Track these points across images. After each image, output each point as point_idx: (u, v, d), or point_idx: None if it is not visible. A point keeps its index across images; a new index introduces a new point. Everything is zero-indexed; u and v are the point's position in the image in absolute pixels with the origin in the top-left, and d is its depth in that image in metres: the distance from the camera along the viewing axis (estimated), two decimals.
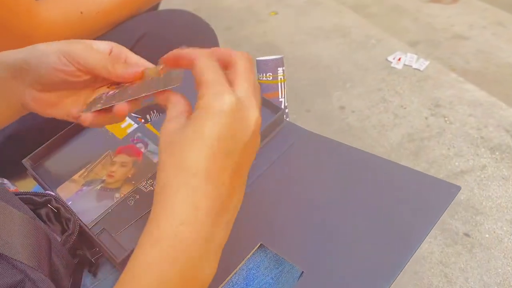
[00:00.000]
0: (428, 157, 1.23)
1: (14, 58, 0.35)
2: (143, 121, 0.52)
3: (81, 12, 0.63)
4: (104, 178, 0.47)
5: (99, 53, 0.35)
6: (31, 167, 0.48)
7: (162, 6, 0.87)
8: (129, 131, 0.51)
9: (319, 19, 1.92)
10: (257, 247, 0.39)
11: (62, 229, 0.41)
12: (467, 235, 1.03)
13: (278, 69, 0.57)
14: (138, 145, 0.50)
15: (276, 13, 2.01)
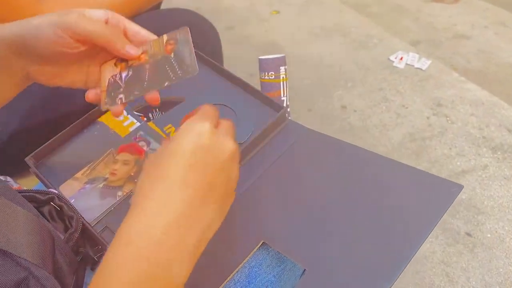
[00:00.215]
0: (429, 156, 1.23)
1: (10, 34, 0.34)
2: (145, 119, 0.52)
3: None
4: (107, 176, 0.48)
5: (94, 22, 0.35)
6: (34, 165, 0.48)
7: (164, 5, 0.87)
8: (131, 129, 0.51)
9: (320, 18, 1.92)
10: (259, 245, 0.39)
11: (65, 227, 0.41)
12: (468, 234, 1.03)
13: (280, 68, 0.57)
14: (141, 143, 0.50)
15: (278, 12, 2.01)
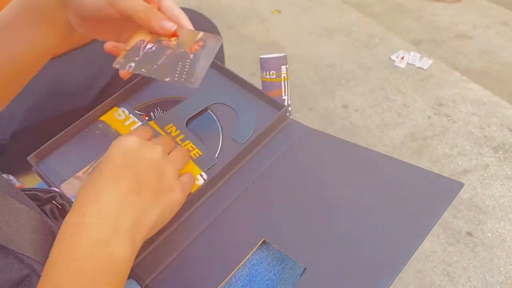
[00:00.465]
0: (431, 156, 1.23)
1: None
2: (146, 118, 0.52)
3: None
4: None
5: (136, 1, 0.40)
6: (36, 163, 0.48)
7: None
8: (132, 128, 0.52)
9: (322, 17, 1.92)
10: (260, 243, 0.40)
11: None
12: (469, 234, 1.03)
13: (281, 67, 0.57)
14: None
15: (279, 12, 2.01)
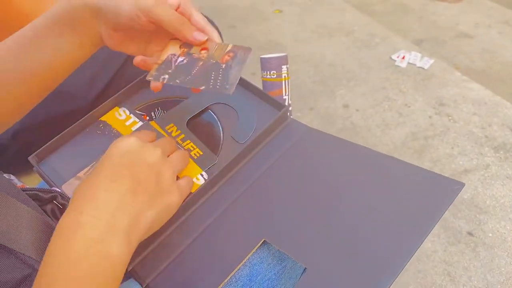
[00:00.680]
0: (432, 156, 1.23)
1: (93, 2, 0.40)
2: (148, 118, 0.52)
3: None
4: None
5: (167, 9, 0.39)
6: (37, 163, 0.48)
7: None
8: (133, 128, 0.52)
9: (323, 17, 1.92)
10: (261, 243, 0.40)
11: None
12: (470, 234, 1.03)
13: (282, 67, 0.57)
14: None
15: (280, 11, 2.01)
